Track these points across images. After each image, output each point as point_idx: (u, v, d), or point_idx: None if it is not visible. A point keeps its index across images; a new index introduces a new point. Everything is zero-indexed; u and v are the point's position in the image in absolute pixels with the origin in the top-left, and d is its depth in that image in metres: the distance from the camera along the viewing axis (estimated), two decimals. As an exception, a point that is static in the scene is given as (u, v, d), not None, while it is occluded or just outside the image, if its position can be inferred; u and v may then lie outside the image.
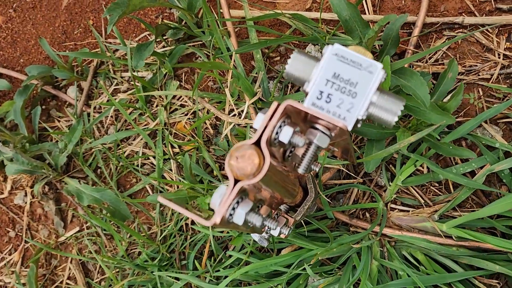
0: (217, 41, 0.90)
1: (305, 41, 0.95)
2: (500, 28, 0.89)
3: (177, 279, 0.93)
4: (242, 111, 0.91)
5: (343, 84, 0.55)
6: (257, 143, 0.52)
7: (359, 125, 0.57)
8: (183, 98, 1.00)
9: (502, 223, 0.80)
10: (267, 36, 0.98)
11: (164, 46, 1.04)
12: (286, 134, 0.53)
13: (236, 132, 0.92)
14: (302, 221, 0.83)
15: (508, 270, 0.76)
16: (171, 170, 0.98)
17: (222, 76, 0.94)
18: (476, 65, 0.88)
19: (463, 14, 0.91)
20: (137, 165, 1.02)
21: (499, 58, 0.87)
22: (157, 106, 1.02)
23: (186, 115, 0.99)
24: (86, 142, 1.05)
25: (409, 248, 0.85)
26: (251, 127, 0.89)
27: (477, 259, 0.79)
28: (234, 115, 0.90)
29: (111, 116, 1.06)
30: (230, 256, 0.90)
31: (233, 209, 0.53)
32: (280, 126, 0.54)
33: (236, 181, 0.52)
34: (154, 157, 1.01)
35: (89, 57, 1.03)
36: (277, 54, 0.98)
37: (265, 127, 0.53)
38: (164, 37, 1.04)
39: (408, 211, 0.86)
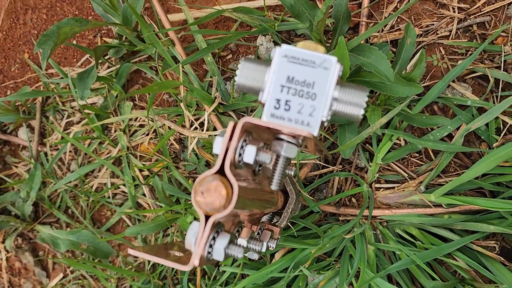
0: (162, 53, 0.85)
1: (254, 34, 0.90)
2: (450, -19, 0.85)
3: (175, 305, 0.89)
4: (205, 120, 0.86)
5: (300, 87, 0.50)
6: (221, 170, 0.48)
7: (325, 124, 0.53)
8: (141, 118, 0.94)
9: (488, 181, 0.78)
10: (214, 36, 0.92)
11: (109, 67, 0.97)
12: (250, 154, 0.49)
13: (202, 143, 0.87)
14: (288, 223, 0.80)
15: (502, 229, 0.74)
16: (144, 195, 0.93)
17: (176, 89, 0.89)
18: (433, 24, 0.85)
19: (409, -27, 0.86)
20: (109, 197, 0.96)
21: (454, 12, 0.84)
22: (115, 131, 0.96)
23: (147, 135, 0.94)
24: (49, 184, 0.99)
25: (401, 225, 0.82)
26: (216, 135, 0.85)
27: (471, 223, 0.77)
28: (196, 128, 0.85)
29: (70, 151, 1.00)
30: (224, 271, 0.86)
31: (211, 246, 0.49)
32: (242, 146, 0.49)
33: (208, 217, 0.48)
34: (124, 185, 0.96)
35: (31, 96, 0.96)
36: (228, 52, 0.93)
37: (226, 151, 0.48)
38: (107, 57, 0.97)
39: (394, 187, 0.84)
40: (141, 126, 0.94)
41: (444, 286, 0.75)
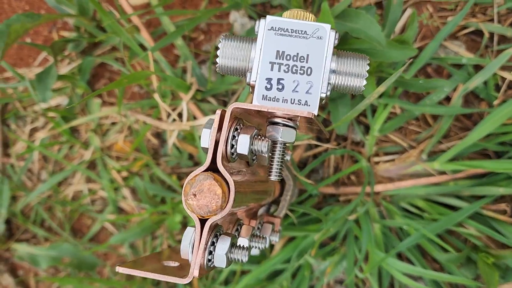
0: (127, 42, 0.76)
1: (226, 10, 0.82)
2: None
3: (174, 311, 0.83)
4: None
5: (292, 62, 0.43)
6: (212, 165, 0.41)
7: (323, 102, 0.46)
8: (112, 115, 0.86)
9: (492, 142, 0.74)
10: (182, 16, 0.84)
11: (70, 63, 0.88)
12: (244, 144, 0.42)
13: (183, 135, 0.80)
14: (287, 210, 0.74)
15: (512, 190, 0.70)
16: (125, 198, 0.86)
17: (147, 80, 0.81)
18: (417, -20, 0.78)
19: None
20: (87, 204, 0.89)
21: (438, -35, 0.78)
22: (86, 132, 0.88)
23: (121, 132, 0.86)
24: (20, 197, 0.90)
25: (406, 198, 0.78)
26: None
27: (479, 187, 0.73)
28: (174, 119, 0.78)
29: (39, 159, 0.91)
30: (222, 270, 0.80)
31: (210, 252, 0.43)
32: (234, 136, 0.43)
33: (203, 220, 0.41)
34: (103, 189, 0.88)
35: (-14, 104, 0.87)
36: (199, 33, 0.85)
37: (216, 143, 0.42)
38: (67, 53, 0.88)
39: (394, 159, 0.78)
40: (113, 124, 0.86)
41: (458, 257, 0.71)
